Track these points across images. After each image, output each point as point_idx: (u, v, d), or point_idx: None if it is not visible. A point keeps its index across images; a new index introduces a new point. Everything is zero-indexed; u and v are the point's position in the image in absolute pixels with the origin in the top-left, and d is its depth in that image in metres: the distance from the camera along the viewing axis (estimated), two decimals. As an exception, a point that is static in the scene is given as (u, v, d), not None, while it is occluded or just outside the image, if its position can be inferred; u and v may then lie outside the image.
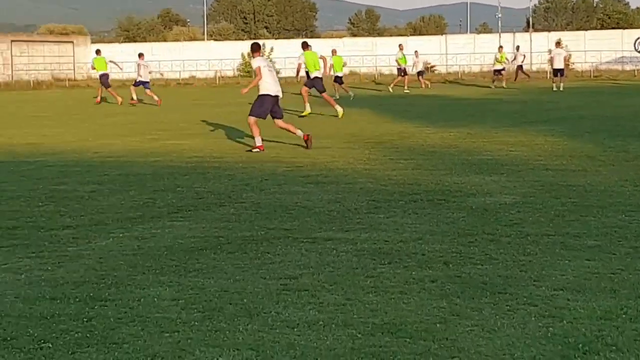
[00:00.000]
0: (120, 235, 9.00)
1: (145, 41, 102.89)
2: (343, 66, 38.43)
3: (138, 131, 21.85)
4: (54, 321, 6.04)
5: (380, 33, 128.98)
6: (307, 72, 28.55)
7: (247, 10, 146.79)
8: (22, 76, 63.19)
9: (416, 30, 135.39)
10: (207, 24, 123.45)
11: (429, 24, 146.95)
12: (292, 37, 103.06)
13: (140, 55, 37.92)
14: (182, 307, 6.30)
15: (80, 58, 68.80)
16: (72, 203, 11.08)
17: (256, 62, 17.30)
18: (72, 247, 8.46)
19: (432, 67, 65.18)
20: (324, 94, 26.87)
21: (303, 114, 26.41)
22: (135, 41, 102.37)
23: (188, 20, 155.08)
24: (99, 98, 37.79)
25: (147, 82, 36.72)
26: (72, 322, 6.01)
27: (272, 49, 65.38)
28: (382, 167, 14.05)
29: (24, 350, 5.47)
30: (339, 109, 25.21)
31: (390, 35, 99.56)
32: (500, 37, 68.49)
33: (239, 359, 5.24)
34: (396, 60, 44.21)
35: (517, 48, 51.43)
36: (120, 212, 10.37)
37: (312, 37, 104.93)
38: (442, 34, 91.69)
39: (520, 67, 48.68)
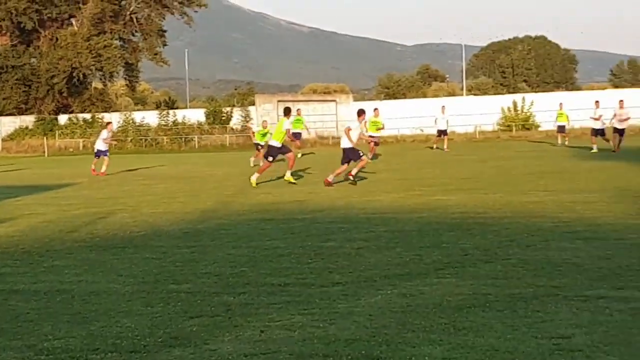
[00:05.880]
0: (389, 292, 9.08)
1: (405, 97, 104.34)
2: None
3: (402, 187, 21.99)
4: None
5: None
6: None
7: (505, 64, 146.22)
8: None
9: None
10: (465, 79, 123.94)
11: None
12: (552, 90, 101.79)
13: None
14: (454, 366, 6.27)
15: (343, 116, 70.44)
16: (340, 260, 11.27)
17: None
18: (343, 304, 8.60)
19: None
20: None
21: None
22: (395, 98, 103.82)
23: (447, 75, 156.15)
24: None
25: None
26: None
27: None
28: (654, 221, 13.53)
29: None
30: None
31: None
32: None
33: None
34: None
35: None
36: (387, 268, 10.47)
37: (572, 89, 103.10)
38: None
39: None
